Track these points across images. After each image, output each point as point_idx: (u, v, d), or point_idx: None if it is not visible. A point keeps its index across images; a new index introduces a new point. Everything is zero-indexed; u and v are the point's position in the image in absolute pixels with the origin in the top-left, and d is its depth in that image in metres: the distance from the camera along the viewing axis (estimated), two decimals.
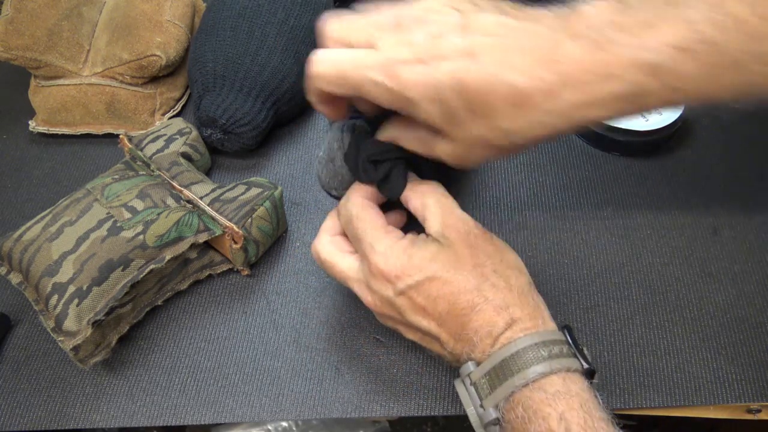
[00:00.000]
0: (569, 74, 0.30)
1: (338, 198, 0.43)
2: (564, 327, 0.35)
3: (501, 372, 0.33)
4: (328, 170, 0.42)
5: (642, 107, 0.31)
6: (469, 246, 0.36)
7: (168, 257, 0.44)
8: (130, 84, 0.58)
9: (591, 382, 0.33)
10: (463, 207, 0.38)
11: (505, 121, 0.32)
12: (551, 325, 0.35)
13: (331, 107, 0.38)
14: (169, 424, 0.43)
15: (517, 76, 0.30)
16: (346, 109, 0.39)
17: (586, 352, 0.35)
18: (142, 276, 0.43)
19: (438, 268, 0.35)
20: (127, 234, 0.44)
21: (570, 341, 0.34)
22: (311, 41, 0.57)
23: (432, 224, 0.37)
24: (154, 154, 0.51)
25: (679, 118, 0.54)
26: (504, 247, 0.37)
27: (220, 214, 0.46)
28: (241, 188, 0.48)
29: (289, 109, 0.57)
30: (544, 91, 0.30)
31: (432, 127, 0.34)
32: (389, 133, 0.38)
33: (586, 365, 0.33)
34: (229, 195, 0.48)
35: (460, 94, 0.31)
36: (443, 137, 0.35)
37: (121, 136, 0.52)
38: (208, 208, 0.47)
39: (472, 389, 0.34)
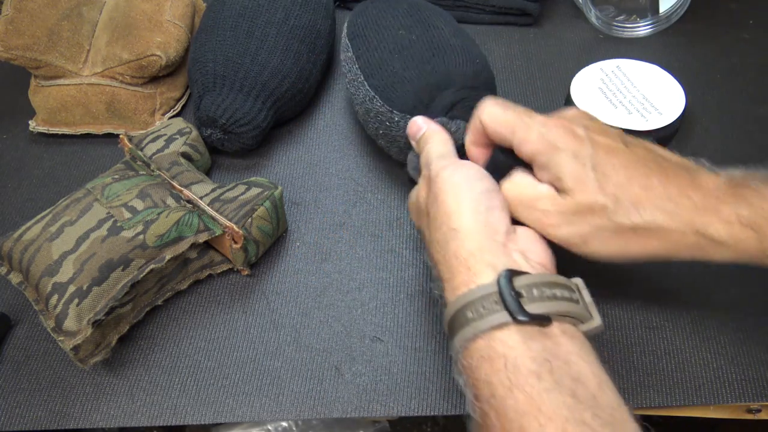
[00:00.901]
0: (705, 182, 0.34)
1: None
2: (505, 272, 0.31)
3: (449, 329, 0.33)
4: None
5: (763, 238, 0.33)
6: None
7: (168, 257, 0.44)
8: (130, 84, 0.58)
9: (545, 325, 0.30)
10: None
11: (630, 199, 0.34)
12: (482, 277, 0.31)
13: (480, 152, 0.40)
14: (169, 424, 0.43)
15: (657, 167, 0.34)
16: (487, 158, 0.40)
17: (526, 296, 0.30)
18: (142, 276, 0.43)
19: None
20: (127, 234, 0.44)
21: (502, 292, 0.30)
22: (311, 41, 0.57)
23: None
24: (154, 153, 0.51)
25: (679, 118, 0.54)
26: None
27: (220, 214, 0.46)
28: (241, 188, 0.48)
29: (289, 108, 0.57)
30: (677, 185, 0.34)
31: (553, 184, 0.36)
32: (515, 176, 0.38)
33: (521, 316, 0.29)
34: (229, 195, 0.48)
35: (605, 160, 0.34)
36: (561, 192, 0.35)
37: (121, 136, 0.52)
38: (208, 208, 0.47)
39: None
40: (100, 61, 0.57)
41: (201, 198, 0.47)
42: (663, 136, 0.55)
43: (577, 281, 0.35)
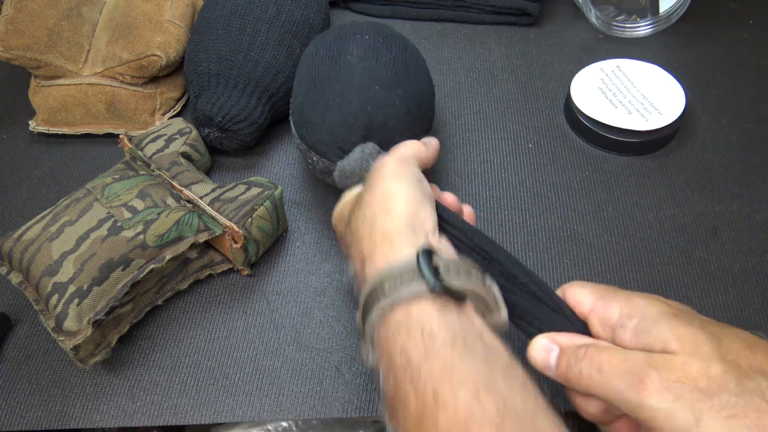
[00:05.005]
0: None
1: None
2: (424, 247, 0.32)
3: (364, 310, 0.33)
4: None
5: None
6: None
7: (168, 257, 0.44)
8: (130, 84, 0.58)
9: (459, 303, 0.31)
10: None
11: None
12: (402, 253, 0.32)
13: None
14: (169, 424, 0.43)
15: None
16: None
17: (443, 271, 0.31)
18: (142, 275, 0.43)
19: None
20: (128, 234, 0.44)
21: (420, 264, 0.31)
22: (304, 36, 0.57)
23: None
24: (154, 153, 0.51)
25: (679, 117, 0.54)
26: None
27: (221, 213, 0.46)
28: (242, 188, 0.48)
29: (285, 104, 0.57)
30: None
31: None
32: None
33: (437, 287, 0.30)
34: (230, 195, 0.48)
35: None
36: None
37: (121, 136, 0.52)
38: (208, 208, 0.47)
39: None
40: (100, 61, 0.57)
41: (201, 198, 0.47)
42: (663, 136, 0.55)
43: (487, 276, 0.35)
